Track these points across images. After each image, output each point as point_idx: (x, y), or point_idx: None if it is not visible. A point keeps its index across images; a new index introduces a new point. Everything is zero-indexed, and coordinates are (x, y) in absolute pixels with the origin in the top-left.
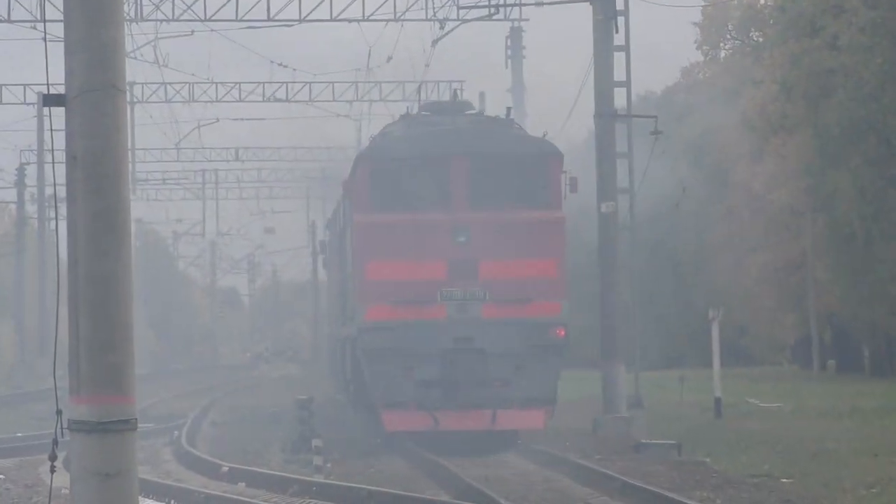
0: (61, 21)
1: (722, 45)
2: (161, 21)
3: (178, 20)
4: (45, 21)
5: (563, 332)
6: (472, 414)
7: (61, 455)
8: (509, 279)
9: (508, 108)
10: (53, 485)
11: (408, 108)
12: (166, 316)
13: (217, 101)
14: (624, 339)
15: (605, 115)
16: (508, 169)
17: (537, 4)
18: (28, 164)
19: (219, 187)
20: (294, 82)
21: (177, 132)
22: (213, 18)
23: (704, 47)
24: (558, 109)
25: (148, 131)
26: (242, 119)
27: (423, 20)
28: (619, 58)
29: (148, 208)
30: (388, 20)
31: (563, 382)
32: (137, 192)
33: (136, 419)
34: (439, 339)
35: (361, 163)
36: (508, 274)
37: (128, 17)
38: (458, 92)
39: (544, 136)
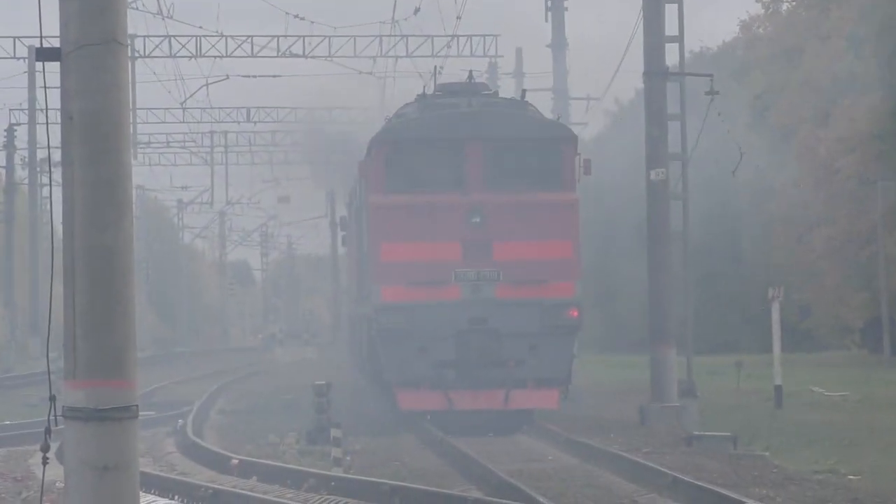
0: None
1: None
2: None
3: None
4: None
5: (576, 313)
6: (485, 393)
7: (54, 445)
8: (523, 260)
9: (523, 91)
10: (46, 478)
11: (424, 87)
12: (170, 293)
13: (227, 57)
14: (675, 320)
15: (656, 73)
16: (523, 152)
17: None
18: (18, 124)
19: (228, 151)
20: (312, 36)
21: (182, 90)
22: None
23: None
24: (604, 67)
25: (151, 89)
26: (255, 76)
27: None
28: (670, 10)
29: (150, 174)
30: None
31: (608, 368)
32: (139, 156)
33: (136, 406)
34: (453, 319)
35: (376, 145)
36: (522, 255)
37: None
38: (494, 61)
39: (558, 118)
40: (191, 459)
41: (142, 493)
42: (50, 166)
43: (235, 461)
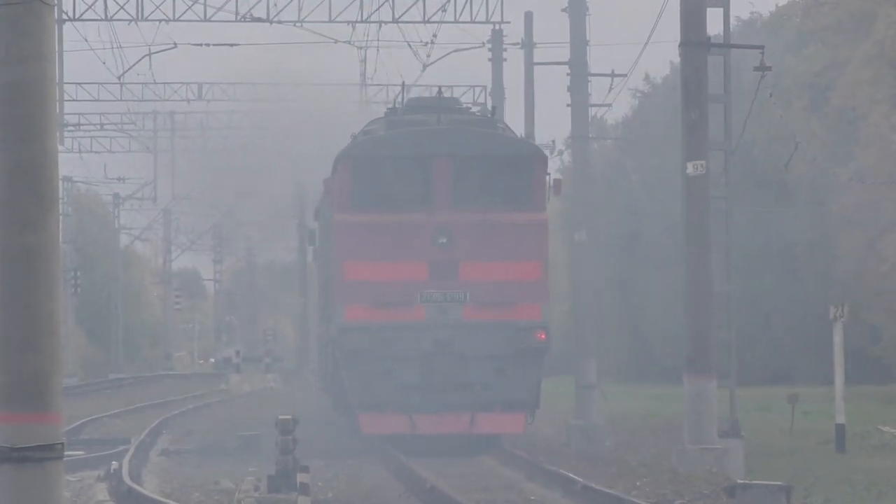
0: None
1: None
2: None
3: None
4: None
5: (544, 336)
6: (450, 417)
7: None
8: (490, 281)
9: (493, 108)
10: None
11: (395, 100)
12: (103, 308)
13: (174, 21)
14: (715, 344)
15: (695, 44)
16: (491, 170)
17: None
18: None
19: (176, 136)
20: None
21: (120, 61)
22: None
23: None
24: (632, 38)
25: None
26: (207, 45)
27: None
28: None
29: (80, 162)
30: None
31: (635, 401)
32: (67, 140)
33: (62, 444)
34: (419, 341)
35: (343, 161)
36: (489, 276)
37: None
38: (499, 29)
39: (528, 138)
40: None
41: None
42: None
43: None
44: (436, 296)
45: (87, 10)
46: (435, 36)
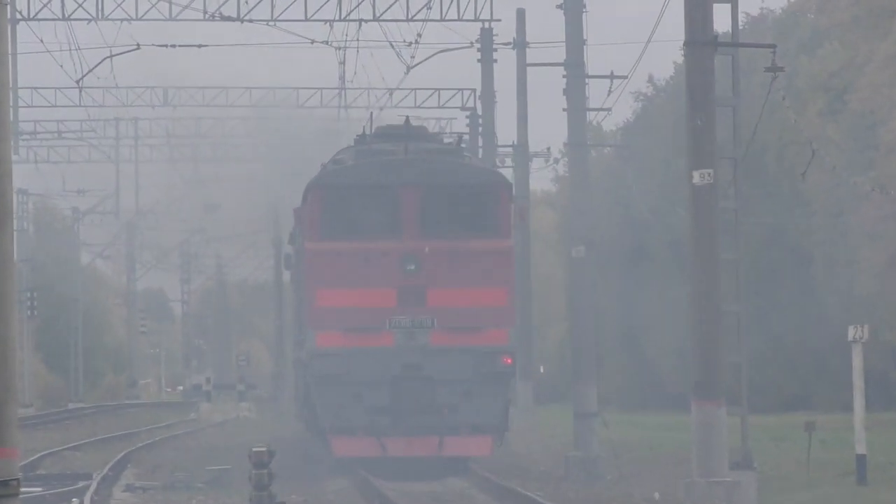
0: None
1: None
2: None
3: None
4: None
5: (510, 360)
6: (419, 440)
7: None
8: (458, 307)
9: (459, 136)
10: None
11: (364, 128)
12: (61, 332)
13: (137, 20)
14: (724, 368)
15: (701, 43)
16: (458, 199)
17: None
18: None
19: (140, 144)
20: None
21: (79, 64)
22: None
23: None
24: (632, 37)
25: (38, 62)
26: (174, 45)
27: None
28: None
29: (36, 173)
30: None
31: (638, 431)
32: (21, 150)
33: (17, 480)
34: (388, 366)
35: (312, 191)
36: (457, 302)
37: None
38: (489, 27)
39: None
40: None
41: None
42: None
43: None
44: (404, 321)
45: (42, 9)
46: (419, 35)
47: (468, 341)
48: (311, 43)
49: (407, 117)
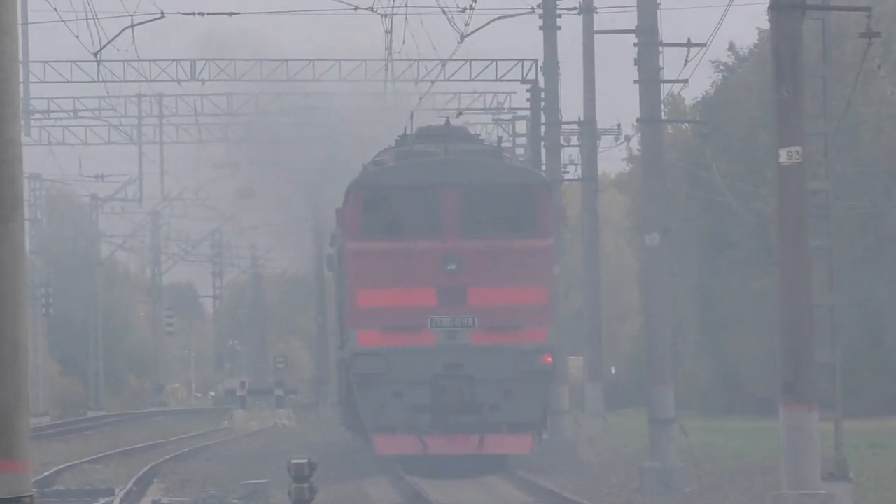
0: None
1: None
2: None
3: None
4: None
5: (550, 359)
6: (460, 438)
7: None
8: (498, 306)
9: (499, 138)
10: None
11: (405, 128)
12: (79, 332)
13: None
14: (816, 369)
15: (787, 7)
16: (498, 198)
17: None
18: None
19: (165, 123)
20: None
21: (97, 35)
22: None
23: None
24: (710, 0)
25: (51, 33)
26: (201, 14)
27: None
28: None
29: (50, 157)
30: None
31: (722, 438)
32: (33, 130)
33: (31, 497)
34: (429, 364)
35: (353, 191)
36: (497, 301)
37: None
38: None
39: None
40: None
41: None
42: None
43: None
44: (445, 321)
45: None
46: (475, 0)
47: (508, 340)
48: (355, 10)
49: (447, 118)
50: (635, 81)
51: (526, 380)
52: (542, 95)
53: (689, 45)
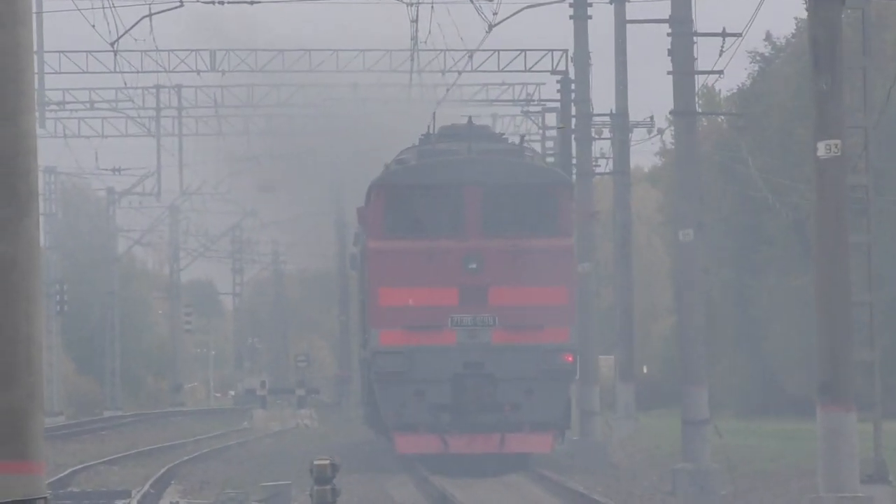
0: None
1: None
2: None
3: None
4: None
5: (571, 358)
6: (481, 437)
7: None
8: (519, 306)
9: (522, 136)
10: None
11: (428, 127)
12: (95, 330)
13: None
14: (854, 368)
15: None
16: (519, 198)
17: None
18: None
19: (184, 116)
20: None
21: (114, 24)
22: None
23: None
24: None
25: (67, 23)
26: (221, 2)
27: None
28: None
29: (66, 150)
30: None
31: (757, 439)
32: (48, 122)
33: (45, 499)
34: (450, 363)
35: (375, 190)
36: (518, 300)
37: None
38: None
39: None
40: None
41: None
42: None
43: None
44: (466, 320)
45: None
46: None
47: (529, 339)
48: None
49: (470, 117)
50: (669, 73)
51: (547, 379)
52: (573, 87)
53: (724, 34)
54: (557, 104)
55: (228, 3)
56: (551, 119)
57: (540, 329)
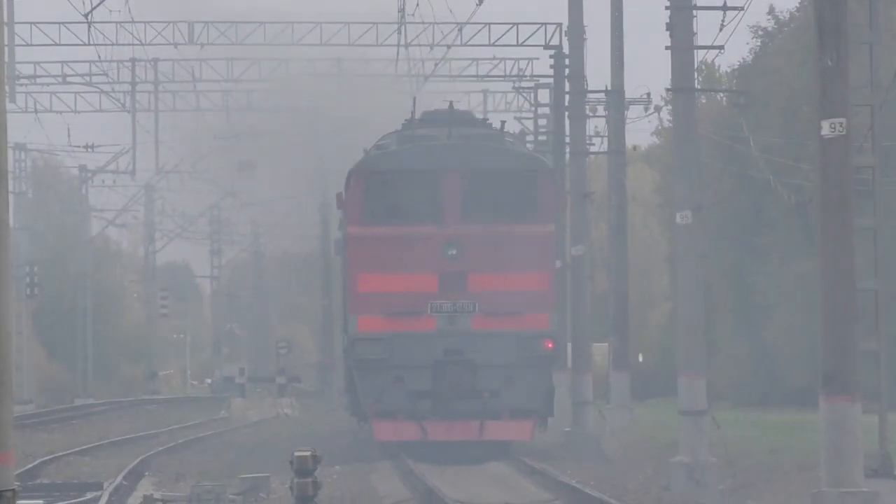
0: None
1: None
2: None
3: None
4: None
5: (551, 345)
6: (460, 425)
7: None
8: (498, 292)
9: (502, 122)
10: None
11: (411, 112)
12: (67, 315)
13: None
14: (859, 357)
15: None
16: (499, 184)
17: None
18: None
19: (160, 91)
20: None
21: None
22: None
23: None
24: None
25: None
26: None
27: None
28: None
29: (37, 126)
30: None
31: (758, 431)
32: (18, 97)
33: (13, 491)
34: (429, 350)
35: (355, 176)
36: (497, 287)
37: None
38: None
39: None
40: None
41: None
42: None
43: None
44: (445, 306)
45: None
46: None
47: (509, 326)
48: None
49: (451, 102)
50: (667, 47)
51: (527, 366)
52: (567, 62)
53: (724, 8)
54: (551, 80)
55: None
56: (544, 96)
57: (520, 315)
